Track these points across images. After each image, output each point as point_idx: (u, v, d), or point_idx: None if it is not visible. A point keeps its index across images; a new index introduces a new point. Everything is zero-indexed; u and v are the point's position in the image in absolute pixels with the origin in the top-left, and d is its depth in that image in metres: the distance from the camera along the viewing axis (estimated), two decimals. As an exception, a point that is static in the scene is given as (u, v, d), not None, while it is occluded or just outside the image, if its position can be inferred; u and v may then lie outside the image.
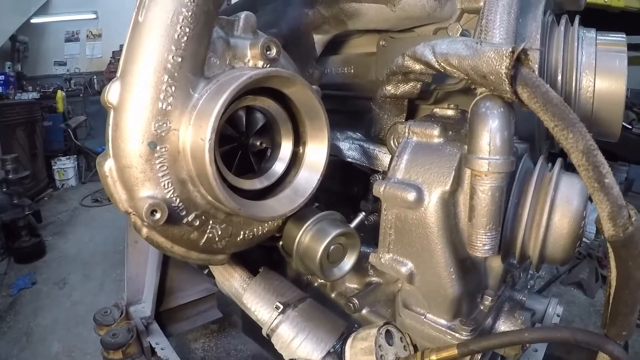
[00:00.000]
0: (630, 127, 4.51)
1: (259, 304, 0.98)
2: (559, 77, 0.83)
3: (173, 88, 0.70)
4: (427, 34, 0.97)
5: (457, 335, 0.78)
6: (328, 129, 0.77)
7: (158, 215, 0.66)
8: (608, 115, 0.82)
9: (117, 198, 0.70)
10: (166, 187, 0.69)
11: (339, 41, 1.17)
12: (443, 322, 0.79)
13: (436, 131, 0.74)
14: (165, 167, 0.70)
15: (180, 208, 0.72)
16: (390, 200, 0.73)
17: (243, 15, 0.80)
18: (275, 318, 0.95)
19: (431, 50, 0.67)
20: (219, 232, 0.78)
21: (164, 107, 0.69)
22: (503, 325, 0.87)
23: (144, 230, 0.73)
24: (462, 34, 0.88)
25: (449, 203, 0.71)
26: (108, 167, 0.70)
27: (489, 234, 0.65)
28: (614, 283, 0.62)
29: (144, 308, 2.14)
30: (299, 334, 0.93)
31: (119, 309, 2.09)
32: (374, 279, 1.01)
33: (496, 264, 0.83)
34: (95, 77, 6.62)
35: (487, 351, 0.82)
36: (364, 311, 0.96)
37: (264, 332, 1.00)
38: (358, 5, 0.90)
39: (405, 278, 0.77)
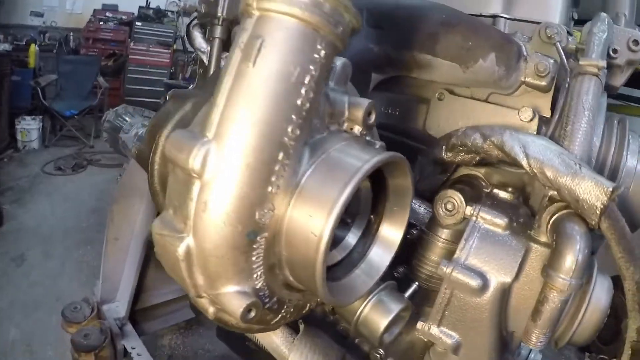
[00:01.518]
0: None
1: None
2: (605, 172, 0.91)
3: (285, 168, 0.58)
4: (480, 96, 1.00)
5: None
6: (409, 208, 0.72)
7: (253, 314, 0.57)
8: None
9: (190, 283, 0.59)
10: (257, 278, 0.61)
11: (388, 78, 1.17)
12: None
13: (504, 222, 0.78)
14: (260, 257, 0.60)
15: (266, 295, 0.64)
16: (453, 282, 0.76)
17: (340, 63, 0.69)
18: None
19: (522, 150, 0.71)
20: (292, 310, 0.73)
21: (272, 191, 0.57)
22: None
23: (212, 310, 0.63)
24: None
25: (505, 292, 0.76)
26: (184, 248, 0.56)
27: (548, 333, 0.71)
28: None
29: (118, 308, 2.08)
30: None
31: (89, 305, 2.02)
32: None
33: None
34: (71, 34, 6.26)
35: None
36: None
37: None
38: (432, 58, 0.92)
39: (450, 349, 0.81)
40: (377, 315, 0.80)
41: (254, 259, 0.59)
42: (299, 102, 0.56)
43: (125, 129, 3.76)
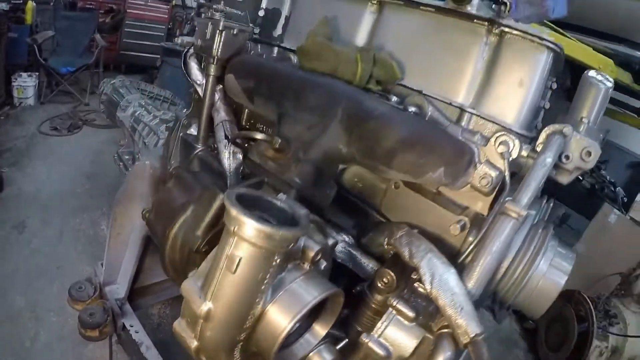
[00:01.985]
0: (581, 179, 5.06)
1: None
2: (522, 264, 1.17)
3: (258, 306, 0.96)
4: (432, 188, 1.23)
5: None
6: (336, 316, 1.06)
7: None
8: (536, 305, 1.20)
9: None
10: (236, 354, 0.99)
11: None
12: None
13: (412, 315, 1.07)
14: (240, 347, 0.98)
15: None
16: (368, 349, 1.08)
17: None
18: None
19: (430, 279, 0.99)
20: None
21: (249, 319, 0.96)
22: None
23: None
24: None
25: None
26: (194, 348, 0.95)
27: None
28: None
29: (118, 289, 2.38)
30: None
31: (92, 285, 2.31)
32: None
33: None
34: (69, -13, 6.14)
35: None
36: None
37: None
38: (388, 170, 1.15)
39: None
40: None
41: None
42: (263, 286, 0.92)
43: (122, 106, 3.91)
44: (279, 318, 0.94)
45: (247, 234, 0.82)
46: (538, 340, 3.88)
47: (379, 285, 1.19)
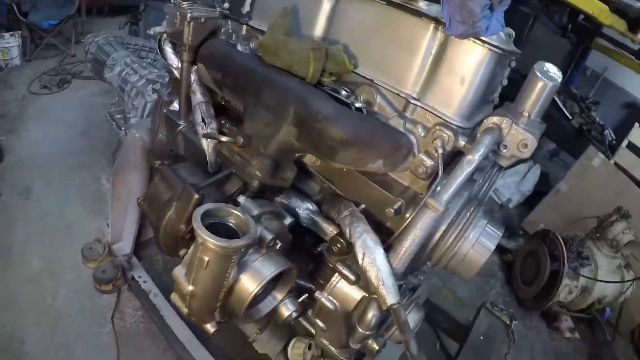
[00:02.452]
0: (570, 118, 5.14)
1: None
2: (453, 236, 1.41)
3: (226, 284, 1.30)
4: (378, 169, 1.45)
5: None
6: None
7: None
8: (464, 271, 1.47)
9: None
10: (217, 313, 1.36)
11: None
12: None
13: (353, 278, 1.40)
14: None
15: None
16: (321, 303, 1.46)
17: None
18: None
19: (362, 255, 1.26)
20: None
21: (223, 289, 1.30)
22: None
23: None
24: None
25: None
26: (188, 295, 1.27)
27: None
28: None
29: (125, 246, 2.69)
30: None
31: (102, 244, 2.62)
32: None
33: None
34: None
35: None
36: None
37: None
38: (334, 162, 1.38)
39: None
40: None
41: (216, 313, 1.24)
42: (227, 272, 1.20)
43: (109, 65, 3.98)
44: (244, 289, 1.24)
45: (210, 247, 1.10)
46: (513, 274, 4.24)
47: (333, 249, 1.46)
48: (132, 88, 3.51)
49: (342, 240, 1.45)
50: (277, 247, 1.28)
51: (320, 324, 1.58)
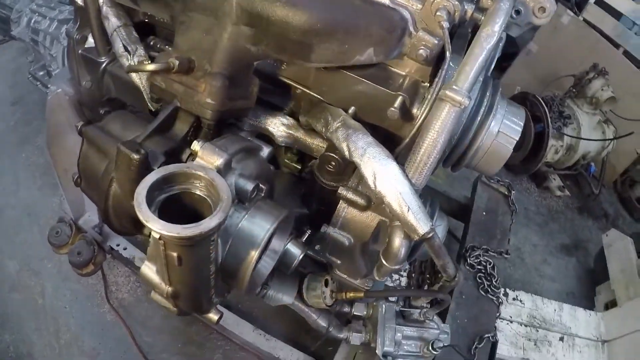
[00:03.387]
0: None
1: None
2: (477, 122, 1.11)
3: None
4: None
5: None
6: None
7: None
8: (489, 167, 1.19)
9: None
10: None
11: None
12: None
13: (364, 202, 1.15)
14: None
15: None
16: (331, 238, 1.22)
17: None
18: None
19: (373, 178, 0.95)
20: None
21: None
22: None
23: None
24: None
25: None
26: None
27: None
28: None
29: (91, 217, 2.36)
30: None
31: (67, 224, 2.27)
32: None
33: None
34: None
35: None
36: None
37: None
38: (308, 62, 1.01)
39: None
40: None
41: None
42: (211, 255, 0.85)
43: (14, 19, 3.26)
44: (239, 264, 0.94)
45: (174, 240, 0.74)
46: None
47: (327, 169, 1.18)
48: (45, 36, 2.90)
49: (335, 157, 1.16)
50: (262, 194, 0.96)
51: (335, 259, 1.34)
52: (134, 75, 1.29)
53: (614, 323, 2.88)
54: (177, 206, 0.79)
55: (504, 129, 1.11)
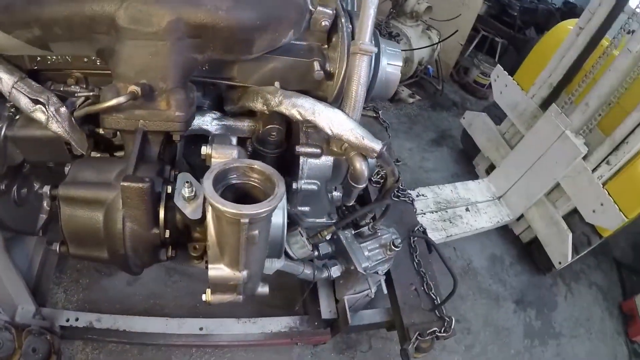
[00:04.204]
0: None
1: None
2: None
3: None
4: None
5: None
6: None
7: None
8: (387, 92, 1.59)
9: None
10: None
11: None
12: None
13: (318, 151, 1.45)
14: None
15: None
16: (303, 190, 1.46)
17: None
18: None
19: (329, 127, 1.23)
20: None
21: None
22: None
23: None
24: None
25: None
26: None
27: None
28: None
29: (25, 307, 2.19)
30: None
31: (3, 329, 2.07)
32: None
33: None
34: None
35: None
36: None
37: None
38: (250, 55, 1.25)
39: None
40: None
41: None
42: None
43: None
44: None
45: (259, 219, 0.91)
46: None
47: (271, 139, 1.45)
48: None
49: (276, 126, 1.43)
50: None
51: (304, 209, 1.63)
52: (54, 126, 1.27)
53: (499, 181, 3.76)
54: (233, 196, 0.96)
55: (391, 60, 1.52)
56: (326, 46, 1.43)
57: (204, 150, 1.12)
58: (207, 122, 1.49)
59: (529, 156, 3.39)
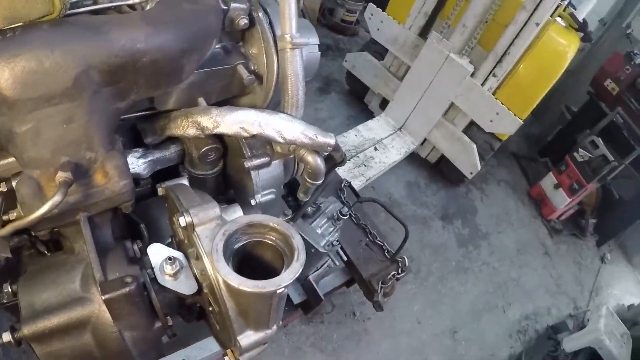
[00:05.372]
0: None
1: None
2: None
3: None
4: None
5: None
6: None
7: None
8: (310, 66, 1.44)
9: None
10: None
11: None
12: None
13: (267, 159, 1.32)
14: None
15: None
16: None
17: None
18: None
19: (278, 134, 1.12)
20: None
21: None
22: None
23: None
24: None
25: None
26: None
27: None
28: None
29: None
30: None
31: None
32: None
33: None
34: None
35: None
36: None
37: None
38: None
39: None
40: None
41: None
42: None
43: None
44: None
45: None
46: None
47: (208, 160, 1.35)
48: None
49: (214, 146, 1.31)
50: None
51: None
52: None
53: (396, 113, 3.96)
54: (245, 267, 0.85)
55: (307, 39, 1.42)
56: (240, 43, 1.29)
57: (183, 221, 0.94)
58: (134, 164, 1.28)
59: (420, 84, 3.62)
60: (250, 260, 0.90)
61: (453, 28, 3.36)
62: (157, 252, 0.94)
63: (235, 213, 1.19)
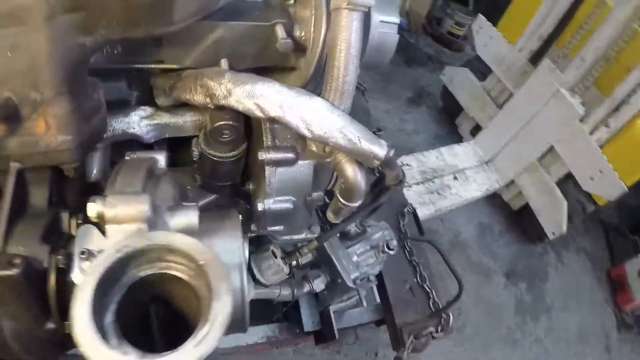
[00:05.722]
0: None
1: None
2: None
3: None
4: None
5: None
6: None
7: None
8: (385, 56, 1.18)
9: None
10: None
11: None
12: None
13: (292, 156, 1.07)
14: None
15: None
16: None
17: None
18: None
19: (305, 127, 0.85)
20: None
21: None
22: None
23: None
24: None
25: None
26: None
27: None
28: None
29: None
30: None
31: None
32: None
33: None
34: None
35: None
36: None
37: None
38: None
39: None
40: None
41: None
42: None
43: None
44: None
45: None
46: None
47: (222, 140, 1.07)
48: None
49: (229, 123, 1.04)
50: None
51: (277, 228, 1.27)
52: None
53: (487, 144, 3.50)
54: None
55: (385, 15, 1.10)
56: (292, 1, 1.01)
57: (92, 209, 0.68)
58: (134, 122, 1.08)
59: (520, 116, 3.13)
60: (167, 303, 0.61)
61: (569, 60, 2.84)
62: (85, 237, 0.68)
63: (187, 217, 0.86)
